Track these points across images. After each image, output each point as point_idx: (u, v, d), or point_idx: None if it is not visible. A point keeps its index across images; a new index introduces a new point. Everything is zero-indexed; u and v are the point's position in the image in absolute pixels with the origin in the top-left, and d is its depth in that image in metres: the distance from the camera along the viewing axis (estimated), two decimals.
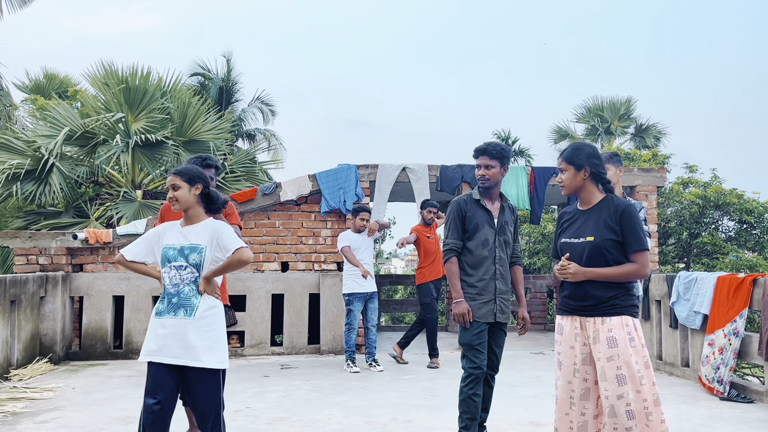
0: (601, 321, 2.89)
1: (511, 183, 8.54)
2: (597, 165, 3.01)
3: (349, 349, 6.80)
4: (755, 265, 12.14)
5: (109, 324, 7.64)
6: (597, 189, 3.04)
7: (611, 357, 2.83)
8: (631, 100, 20.29)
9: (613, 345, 2.83)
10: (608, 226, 2.93)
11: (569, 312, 3.01)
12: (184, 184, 3.17)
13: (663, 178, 8.84)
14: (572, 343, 2.98)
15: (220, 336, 3.17)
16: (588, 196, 3.05)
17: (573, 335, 2.98)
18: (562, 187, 3.09)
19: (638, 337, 2.87)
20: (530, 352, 8.24)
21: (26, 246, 7.62)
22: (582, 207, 3.08)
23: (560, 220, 3.20)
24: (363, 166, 8.33)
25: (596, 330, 2.90)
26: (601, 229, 2.94)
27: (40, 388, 5.77)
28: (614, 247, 2.92)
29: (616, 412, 2.81)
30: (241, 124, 18.09)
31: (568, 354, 2.99)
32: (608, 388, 2.83)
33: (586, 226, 3.00)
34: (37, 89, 15.20)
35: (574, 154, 3.03)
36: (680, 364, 6.42)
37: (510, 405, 5.16)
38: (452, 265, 3.88)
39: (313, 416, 4.84)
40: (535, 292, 11.09)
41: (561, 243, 3.10)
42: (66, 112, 10.20)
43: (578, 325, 2.97)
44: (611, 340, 2.84)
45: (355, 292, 6.79)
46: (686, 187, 14.27)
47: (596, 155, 3.03)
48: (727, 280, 5.73)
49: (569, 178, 3.04)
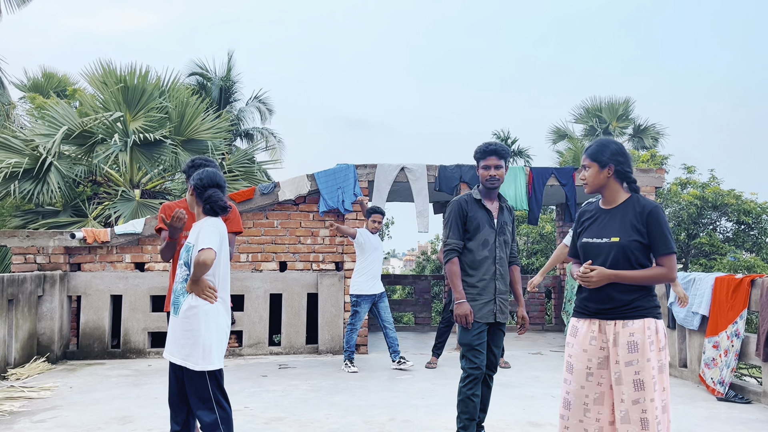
0: (623, 324, 2.80)
1: (509, 183, 8.54)
2: (622, 163, 2.91)
3: (349, 349, 6.79)
4: (753, 265, 12.16)
5: (106, 323, 7.62)
6: (621, 188, 2.94)
7: (630, 362, 2.75)
8: (630, 100, 20.32)
9: (634, 350, 2.75)
10: (634, 227, 2.83)
11: (588, 315, 2.91)
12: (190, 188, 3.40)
13: (661, 178, 8.85)
14: (585, 346, 2.88)
15: (200, 337, 3.14)
16: (611, 195, 2.94)
17: (588, 338, 2.88)
18: (585, 184, 2.97)
19: (658, 340, 2.78)
20: (528, 352, 8.24)
21: (24, 245, 7.61)
22: (605, 206, 2.96)
23: (580, 218, 3.07)
24: (362, 165, 8.32)
25: (616, 333, 2.81)
26: (627, 229, 2.84)
27: (38, 388, 5.76)
28: (639, 248, 2.83)
29: (630, 418, 2.73)
30: (240, 124, 18.08)
31: (581, 357, 2.89)
32: (625, 392, 2.75)
33: (611, 226, 2.89)
34: (35, 88, 15.18)
35: (599, 150, 2.93)
36: (678, 364, 6.43)
37: (508, 405, 5.16)
38: (453, 265, 3.87)
39: (311, 416, 4.84)
40: (532, 292, 11.09)
41: (582, 243, 2.97)
42: (64, 111, 10.18)
43: (596, 329, 2.87)
44: (632, 345, 2.76)
45: (362, 293, 6.77)
46: (684, 188, 14.30)
47: (622, 153, 2.93)
48: (726, 280, 5.74)
49: (593, 175, 2.93)
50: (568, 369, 2.94)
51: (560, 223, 10.75)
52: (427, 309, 11.23)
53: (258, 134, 18.52)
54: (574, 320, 2.98)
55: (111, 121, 9.82)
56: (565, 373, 2.96)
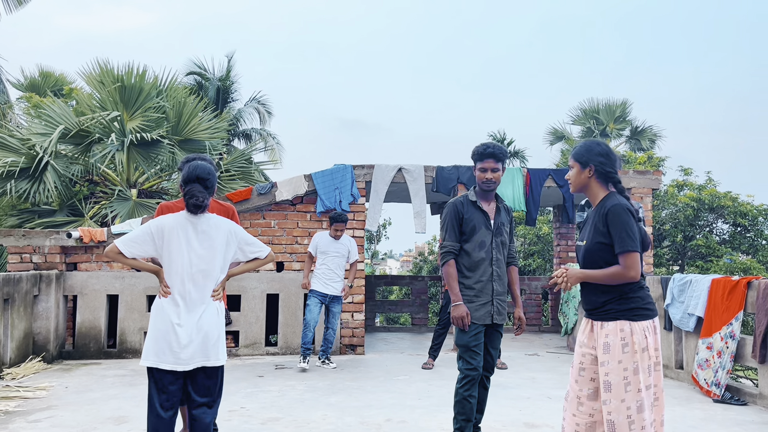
0: (600, 325, 2.86)
1: (506, 184, 8.54)
2: (603, 164, 2.93)
3: (303, 346, 6.85)
4: (749, 267, 12.18)
5: (102, 323, 7.60)
6: (605, 189, 2.96)
7: (603, 362, 2.81)
8: (627, 102, 20.36)
9: (607, 351, 2.80)
10: (597, 228, 2.87)
11: (585, 314, 3.02)
12: None
13: (658, 180, 8.87)
14: (582, 342, 2.96)
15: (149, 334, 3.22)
16: (592, 196, 2.98)
17: (584, 336, 2.97)
18: (570, 184, 3.06)
19: (633, 342, 2.78)
20: (525, 353, 8.25)
21: (20, 244, 7.59)
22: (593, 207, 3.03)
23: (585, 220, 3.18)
24: (359, 166, 8.32)
25: (597, 333, 2.88)
26: (592, 232, 2.90)
27: (33, 387, 5.74)
28: (604, 250, 2.85)
29: (603, 419, 2.79)
30: (238, 124, 18.08)
31: (577, 353, 2.98)
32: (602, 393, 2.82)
33: (586, 228, 2.99)
34: (32, 87, 15.16)
35: (581, 151, 2.99)
36: (674, 366, 6.44)
37: (504, 406, 5.16)
38: (450, 267, 3.87)
39: (308, 416, 4.83)
40: (530, 293, 11.10)
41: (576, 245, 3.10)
42: (61, 110, 10.15)
43: (589, 327, 2.95)
44: (606, 346, 2.82)
45: (314, 289, 6.91)
46: (681, 190, 14.33)
47: (604, 154, 2.94)
48: (722, 282, 5.74)
49: (574, 175, 3.00)
50: (572, 364, 3.03)
51: (557, 224, 10.76)
52: (423, 310, 11.24)
53: (256, 135, 18.52)
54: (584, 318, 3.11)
55: (108, 120, 9.80)
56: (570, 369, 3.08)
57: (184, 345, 3.14)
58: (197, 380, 3.23)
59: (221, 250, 3.27)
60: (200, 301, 3.22)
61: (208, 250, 3.24)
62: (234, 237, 3.32)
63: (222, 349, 3.27)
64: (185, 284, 3.19)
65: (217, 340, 3.25)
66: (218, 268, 3.28)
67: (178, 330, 3.15)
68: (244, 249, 3.36)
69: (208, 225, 3.26)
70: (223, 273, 3.33)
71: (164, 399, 3.17)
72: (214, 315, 3.25)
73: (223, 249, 3.28)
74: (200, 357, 3.18)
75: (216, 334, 3.24)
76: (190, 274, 3.20)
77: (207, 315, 3.22)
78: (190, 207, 3.20)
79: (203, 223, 3.25)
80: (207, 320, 3.21)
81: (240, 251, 3.36)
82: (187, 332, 3.16)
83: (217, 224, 3.29)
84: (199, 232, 3.23)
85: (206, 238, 3.23)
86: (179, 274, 3.19)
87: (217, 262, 3.26)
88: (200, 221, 3.24)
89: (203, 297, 3.23)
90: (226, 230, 3.30)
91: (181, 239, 3.20)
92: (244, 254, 3.37)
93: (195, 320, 3.18)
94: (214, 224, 3.28)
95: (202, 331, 3.19)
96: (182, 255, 3.19)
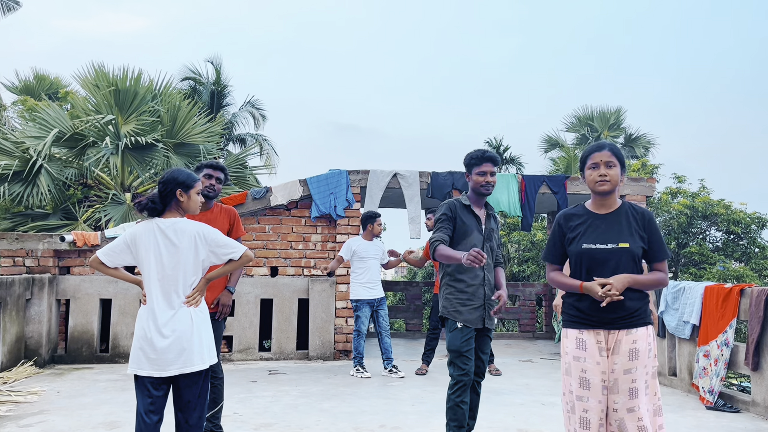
0: (626, 332, 2.76)
1: (502, 190, 8.57)
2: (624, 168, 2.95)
3: (358, 355, 6.84)
4: (742, 275, 12.23)
5: (95, 327, 7.57)
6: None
7: (629, 370, 2.72)
8: (621, 110, 20.45)
9: (634, 357, 2.72)
10: (637, 233, 2.83)
11: (591, 326, 2.80)
12: None
13: (652, 187, 8.91)
14: (598, 358, 2.77)
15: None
16: (614, 199, 2.91)
17: (597, 350, 2.78)
18: (606, 181, 2.84)
19: (654, 347, 2.79)
20: (519, 359, 8.25)
21: (13, 247, 7.55)
22: (597, 210, 2.91)
23: (568, 222, 2.96)
24: (354, 171, 8.32)
25: (618, 341, 2.76)
26: (634, 235, 2.82)
27: (25, 392, 5.70)
28: (642, 255, 2.85)
29: (627, 426, 2.70)
30: (232, 129, 18.07)
31: (596, 371, 2.76)
32: (618, 401, 2.72)
33: (613, 231, 2.83)
34: (26, 90, 15.11)
35: (620, 153, 2.90)
36: (668, 373, 6.45)
37: (497, 412, 5.15)
38: (441, 246, 3.70)
39: (301, 422, 4.81)
40: (524, 299, 11.10)
41: (584, 249, 2.84)
42: (55, 113, 10.12)
43: (602, 339, 2.79)
44: (633, 352, 2.72)
45: (361, 298, 6.82)
46: (674, 197, 14.38)
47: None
48: (715, 290, 5.76)
49: (618, 174, 2.87)
50: (584, 385, 2.78)
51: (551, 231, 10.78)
52: (418, 315, 11.22)
53: (251, 139, 18.50)
54: (576, 332, 2.84)
55: (102, 123, 9.78)
56: (578, 390, 2.79)
57: (160, 351, 3.12)
58: (179, 385, 3.21)
59: (188, 255, 3.20)
60: (168, 307, 3.18)
61: (173, 255, 3.19)
62: (203, 240, 3.24)
63: (206, 353, 3.22)
64: (153, 291, 3.18)
65: (195, 345, 3.18)
66: (186, 274, 3.22)
67: (151, 336, 3.15)
68: (216, 252, 3.27)
69: (173, 230, 3.20)
70: (197, 277, 3.26)
71: (148, 404, 3.16)
72: (186, 320, 3.18)
73: (191, 254, 3.21)
74: (179, 363, 3.15)
75: (192, 339, 3.17)
76: (157, 280, 3.18)
77: (176, 321, 3.16)
78: (138, 206, 3.28)
79: (168, 229, 3.20)
80: (178, 326, 3.15)
81: (213, 254, 3.27)
82: (159, 339, 3.14)
83: (182, 229, 3.22)
84: (165, 238, 3.19)
85: (170, 244, 3.18)
86: (149, 280, 3.19)
87: (182, 267, 3.20)
88: (167, 227, 3.20)
89: (171, 303, 3.18)
90: (191, 234, 3.22)
91: (150, 246, 3.18)
92: (217, 257, 3.29)
93: (164, 327, 3.16)
94: (179, 229, 3.21)
95: (173, 337, 3.14)
96: (150, 262, 3.18)
